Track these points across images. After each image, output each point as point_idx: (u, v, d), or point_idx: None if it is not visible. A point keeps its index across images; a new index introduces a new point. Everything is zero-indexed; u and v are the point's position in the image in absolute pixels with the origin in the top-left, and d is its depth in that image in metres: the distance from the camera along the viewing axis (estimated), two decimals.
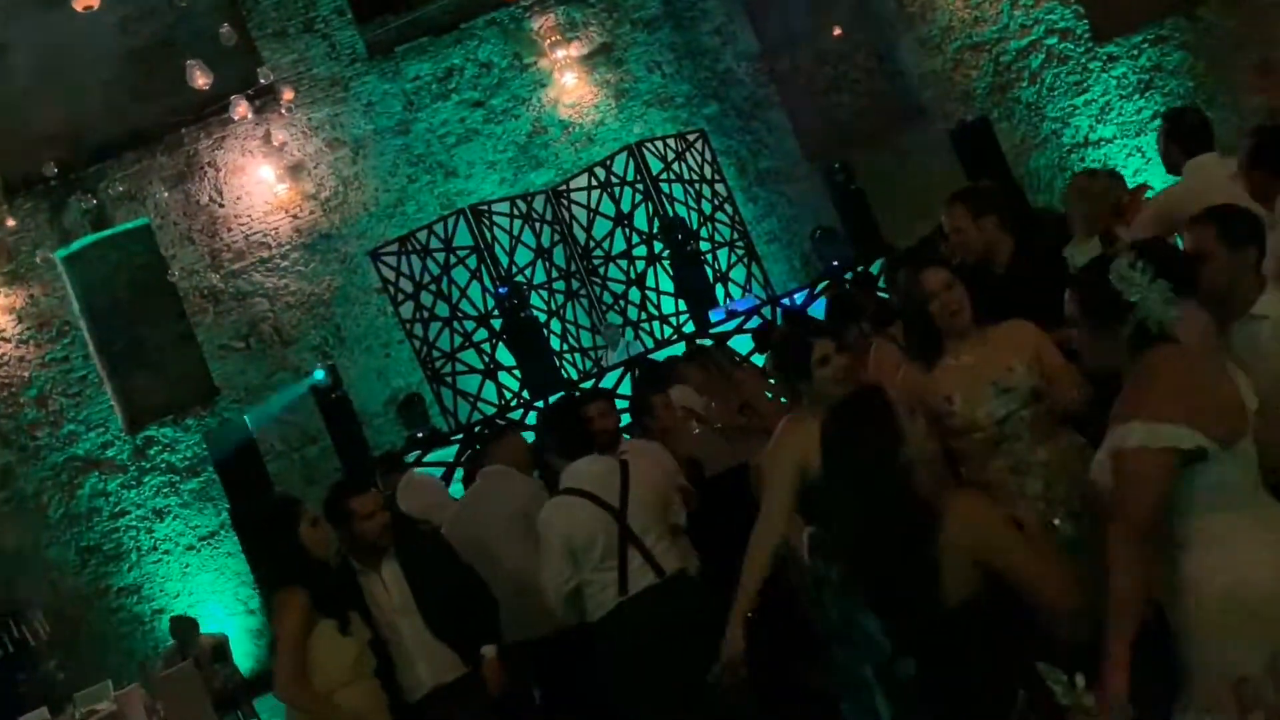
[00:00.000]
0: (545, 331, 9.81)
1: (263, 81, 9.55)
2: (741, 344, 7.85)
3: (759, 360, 7.10)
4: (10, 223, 11.29)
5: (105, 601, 11.21)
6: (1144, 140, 11.27)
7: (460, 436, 8.32)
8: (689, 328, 9.68)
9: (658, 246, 10.15)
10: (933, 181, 11.06)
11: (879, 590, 2.68)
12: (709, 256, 10.16)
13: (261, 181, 11.50)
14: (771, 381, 5.98)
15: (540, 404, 8.35)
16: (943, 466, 3.42)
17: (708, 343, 7.91)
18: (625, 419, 5.54)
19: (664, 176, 10.26)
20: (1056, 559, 2.69)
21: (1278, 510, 2.53)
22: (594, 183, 10.48)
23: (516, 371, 9.76)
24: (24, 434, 11.32)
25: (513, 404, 9.57)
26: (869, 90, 12.24)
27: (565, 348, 10.13)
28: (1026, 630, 2.58)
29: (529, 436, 5.30)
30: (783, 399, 5.10)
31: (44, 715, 8.56)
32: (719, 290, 10.04)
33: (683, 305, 10.02)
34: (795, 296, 8.71)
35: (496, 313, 9.81)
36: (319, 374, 9.46)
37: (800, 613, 3.74)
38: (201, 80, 7.70)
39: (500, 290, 9.62)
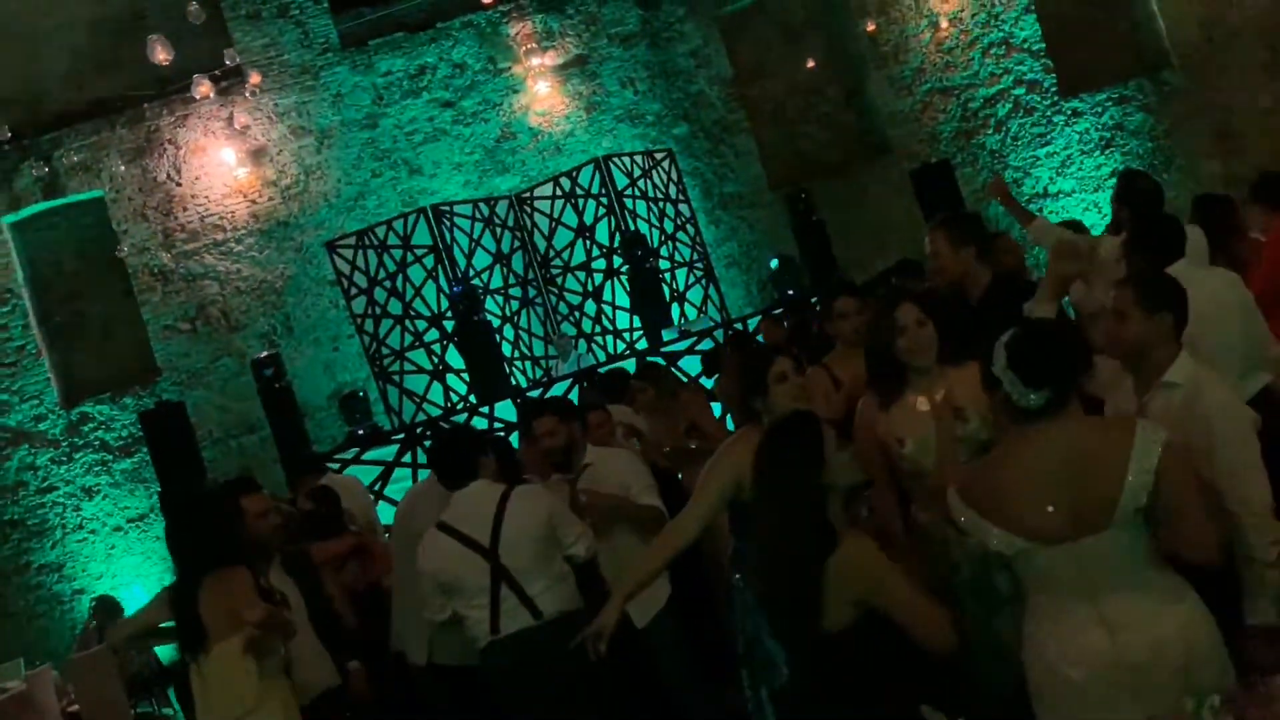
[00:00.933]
0: (497, 337, 9.77)
1: (228, 63, 9.42)
2: (692, 364, 7.86)
3: (708, 383, 7.12)
4: None
5: (24, 578, 10.93)
6: (1101, 196, 11.50)
7: (401, 436, 8.24)
8: (642, 344, 9.69)
9: (617, 261, 10.17)
10: (892, 218, 11.22)
11: (771, 606, 2.80)
12: (667, 275, 10.19)
13: (222, 164, 11.34)
14: (716, 405, 6.01)
15: (485, 409, 8.31)
16: (893, 503, 3.48)
17: (659, 360, 7.91)
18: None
19: (629, 192, 10.29)
20: (933, 603, 2.76)
21: (1125, 602, 2.54)
22: (559, 192, 10.48)
23: (465, 375, 9.70)
24: None
25: (459, 407, 9.50)
26: (837, 124, 12.37)
27: (516, 354, 10.09)
28: (908, 662, 2.70)
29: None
30: (729, 423, 5.11)
31: None
32: (675, 309, 10.06)
33: (637, 321, 10.03)
34: (749, 321, 8.75)
35: (450, 314, 9.75)
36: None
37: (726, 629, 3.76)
38: (162, 55, 7.59)
39: (455, 290, 9.57)
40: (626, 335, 10.27)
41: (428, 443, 6.94)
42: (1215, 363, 3.19)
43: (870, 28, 12.03)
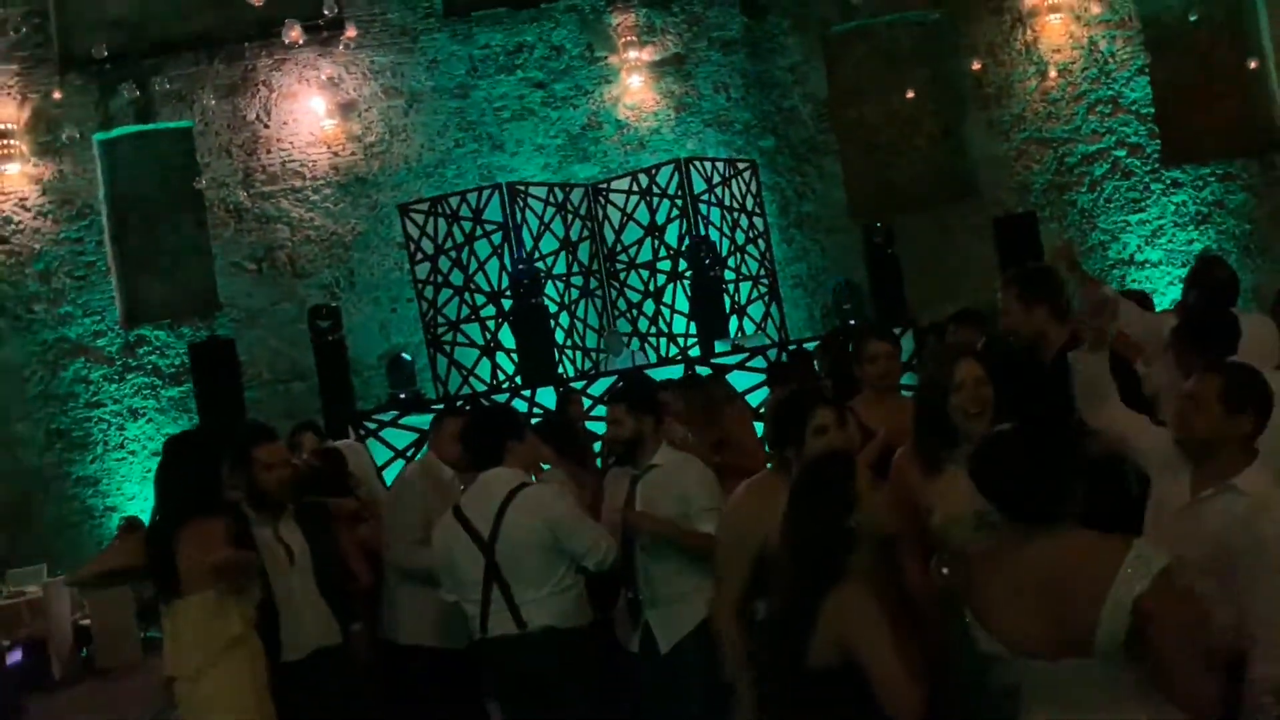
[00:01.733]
0: (553, 322, 9.72)
1: (326, 13, 9.47)
2: (739, 380, 7.73)
3: (757, 397, 6.99)
4: (57, 95, 11.27)
5: (62, 488, 11.14)
6: (1188, 271, 11.12)
7: (441, 406, 8.22)
8: (694, 352, 9.58)
9: (682, 265, 10.06)
10: (969, 264, 10.98)
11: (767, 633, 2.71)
12: (731, 286, 10.06)
13: (310, 112, 11.45)
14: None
15: (526, 392, 8.26)
16: (918, 559, 3.29)
17: (706, 370, 7.79)
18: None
19: (705, 198, 10.18)
20: (910, 673, 2.59)
21: None
22: (635, 188, 10.40)
23: (515, 355, 9.67)
24: (21, 304, 11.27)
25: (504, 385, 9.48)
26: (928, 159, 12.14)
27: (569, 343, 10.03)
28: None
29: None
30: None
31: None
32: (733, 322, 9.93)
33: (693, 328, 9.92)
34: (806, 345, 8.59)
35: (509, 293, 9.73)
36: None
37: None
38: None
39: (519, 269, 9.54)
40: (681, 340, 10.16)
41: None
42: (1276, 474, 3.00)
43: (976, 66, 11.78)
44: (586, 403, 7.84)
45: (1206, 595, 2.72)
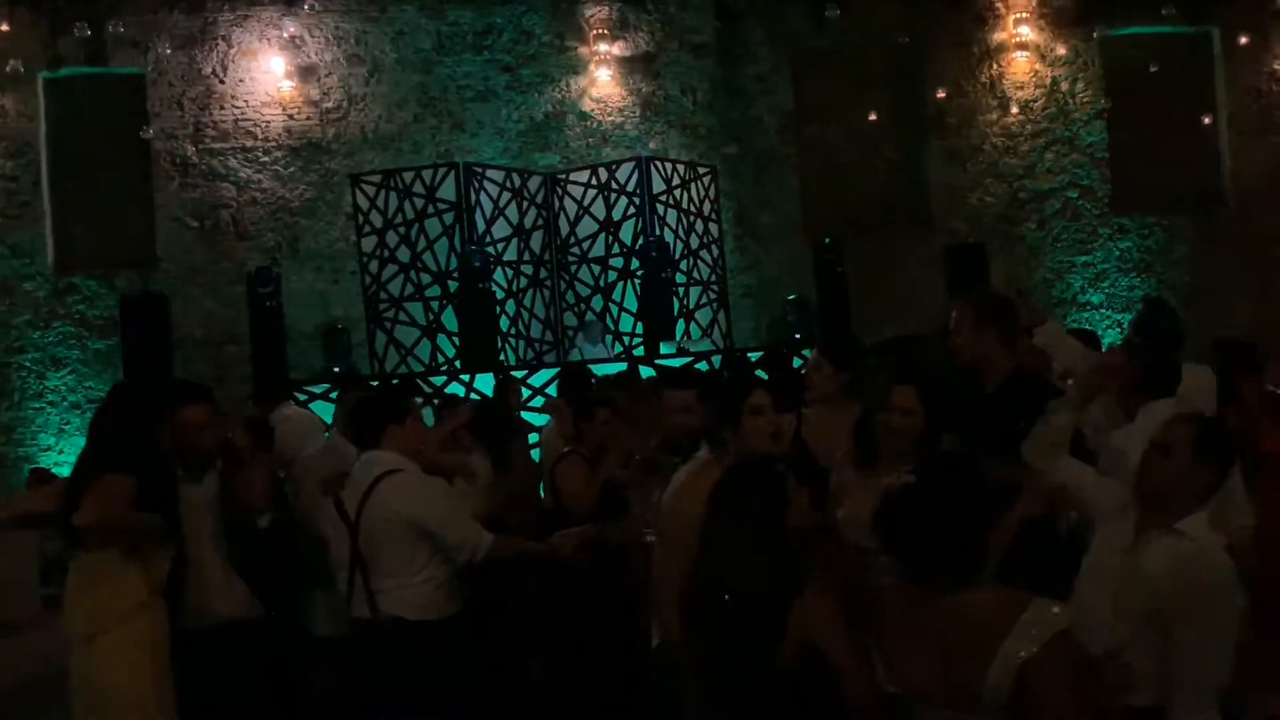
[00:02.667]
0: (498, 309, 9.60)
1: None
2: None
3: None
4: (4, 28, 10.85)
5: None
6: (1127, 317, 11.35)
7: (376, 384, 8.06)
8: (638, 351, 9.53)
9: (634, 263, 10.00)
10: (917, 289, 11.07)
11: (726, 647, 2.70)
12: (681, 289, 10.03)
13: (269, 72, 11.19)
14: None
15: (465, 377, 8.14)
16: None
17: (649, 371, 7.74)
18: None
19: (663, 198, 10.13)
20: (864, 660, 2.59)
21: None
22: (594, 181, 10.32)
23: (457, 339, 9.53)
24: None
25: (443, 367, 9.34)
26: (884, 181, 12.22)
27: (513, 331, 9.92)
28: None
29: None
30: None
31: None
32: (680, 325, 9.90)
33: (639, 328, 9.87)
34: (749, 355, 8.58)
35: (456, 275, 9.59)
36: None
37: None
38: None
39: (469, 250, 9.40)
40: (626, 339, 10.11)
41: None
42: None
43: (940, 94, 11.89)
44: (526, 392, 7.74)
45: (1142, 644, 2.71)
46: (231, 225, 11.21)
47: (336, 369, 8.91)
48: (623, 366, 7.87)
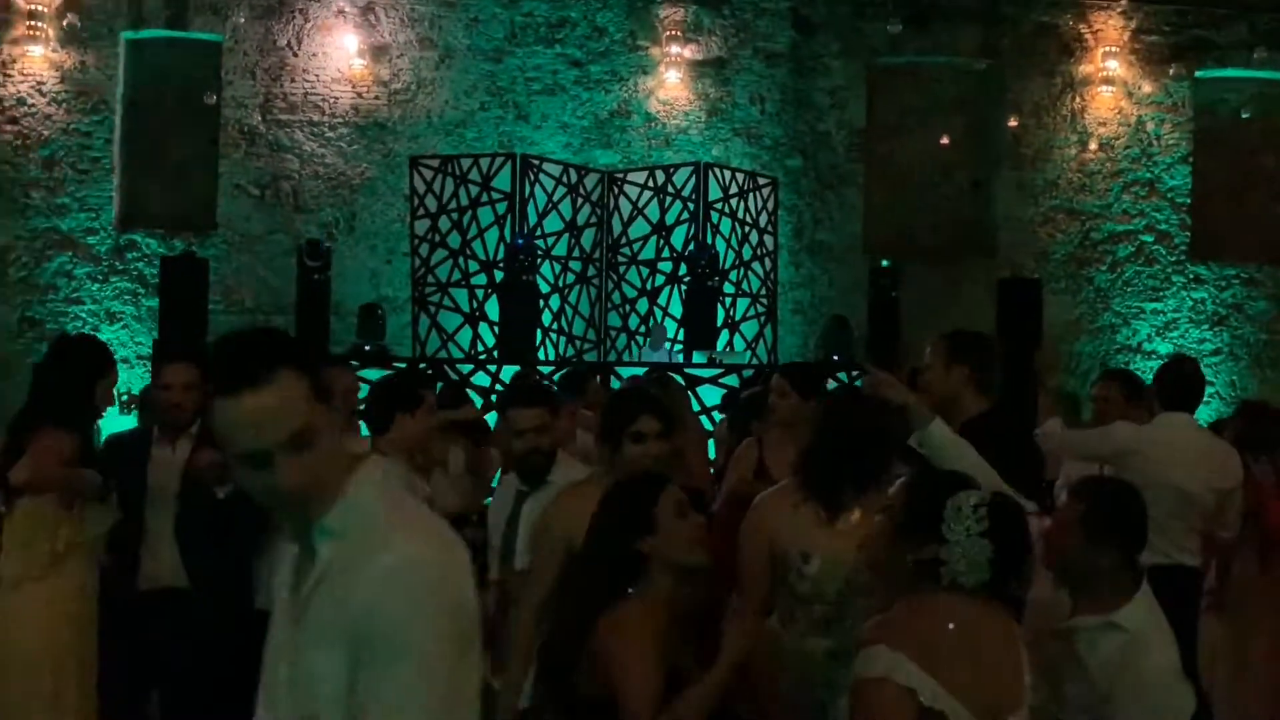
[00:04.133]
0: (542, 303, 9.56)
1: None
2: (710, 395, 7.55)
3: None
4: None
5: (24, 377, 10.96)
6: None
7: (403, 366, 8.05)
8: (677, 358, 9.41)
9: (684, 269, 9.90)
10: (973, 321, 10.68)
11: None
12: (728, 300, 9.89)
13: (341, 48, 11.27)
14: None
15: (492, 368, 8.10)
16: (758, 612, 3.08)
17: (679, 379, 7.60)
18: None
19: (719, 206, 10.01)
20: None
21: None
22: (651, 184, 10.25)
23: (498, 329, 9.51)
24: (19, 188, 11.10)
25: (480, 356, 9.34)
26: (952, 208, 11.88)
27: (555, 326, 9.87)
28: None
29: None
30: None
31: None
32: (723, 336, 9.75)
33: (681, 334, 9.75)
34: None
35: (503, 265, 9.58)
36: None
37: None
38: None
39: (517, 242, 9.40)
40: (668, 345, 9.99)
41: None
42: None
43: (1014, 123, 11.55)
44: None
45: None
46: (292, 197, 11.31)
47: (366, 347, 8.94)
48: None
